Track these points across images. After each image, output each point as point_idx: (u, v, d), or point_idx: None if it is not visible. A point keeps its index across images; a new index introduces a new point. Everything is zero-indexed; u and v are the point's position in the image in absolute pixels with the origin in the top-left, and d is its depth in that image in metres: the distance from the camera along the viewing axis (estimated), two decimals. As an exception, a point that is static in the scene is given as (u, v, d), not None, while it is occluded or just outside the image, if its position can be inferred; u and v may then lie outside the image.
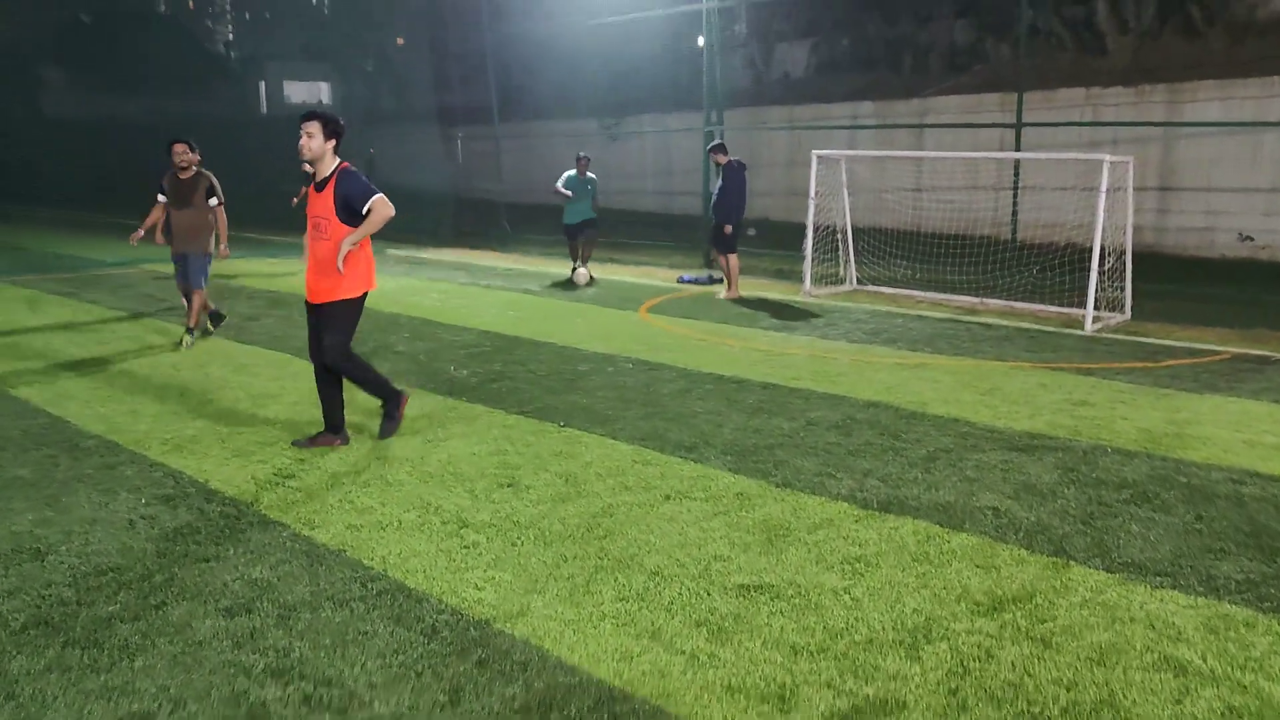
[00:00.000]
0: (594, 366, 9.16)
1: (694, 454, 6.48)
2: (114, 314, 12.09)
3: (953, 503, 5.59)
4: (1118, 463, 6.30)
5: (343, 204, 6.33)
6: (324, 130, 6.35)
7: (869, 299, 13.22)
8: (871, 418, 7.38)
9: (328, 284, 6.46)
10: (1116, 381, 8.52)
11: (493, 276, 15.89)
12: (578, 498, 5.68)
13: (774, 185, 22.13)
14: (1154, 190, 17.47)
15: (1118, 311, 11.59)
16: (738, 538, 5.09)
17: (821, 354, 9.71)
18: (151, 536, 5.08)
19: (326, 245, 6.39)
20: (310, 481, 5.94)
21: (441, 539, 5.08)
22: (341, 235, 6.33)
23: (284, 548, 4.95)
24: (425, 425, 7.15)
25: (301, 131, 6.37)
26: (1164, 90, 17.41)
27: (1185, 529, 5.20)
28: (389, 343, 10.28)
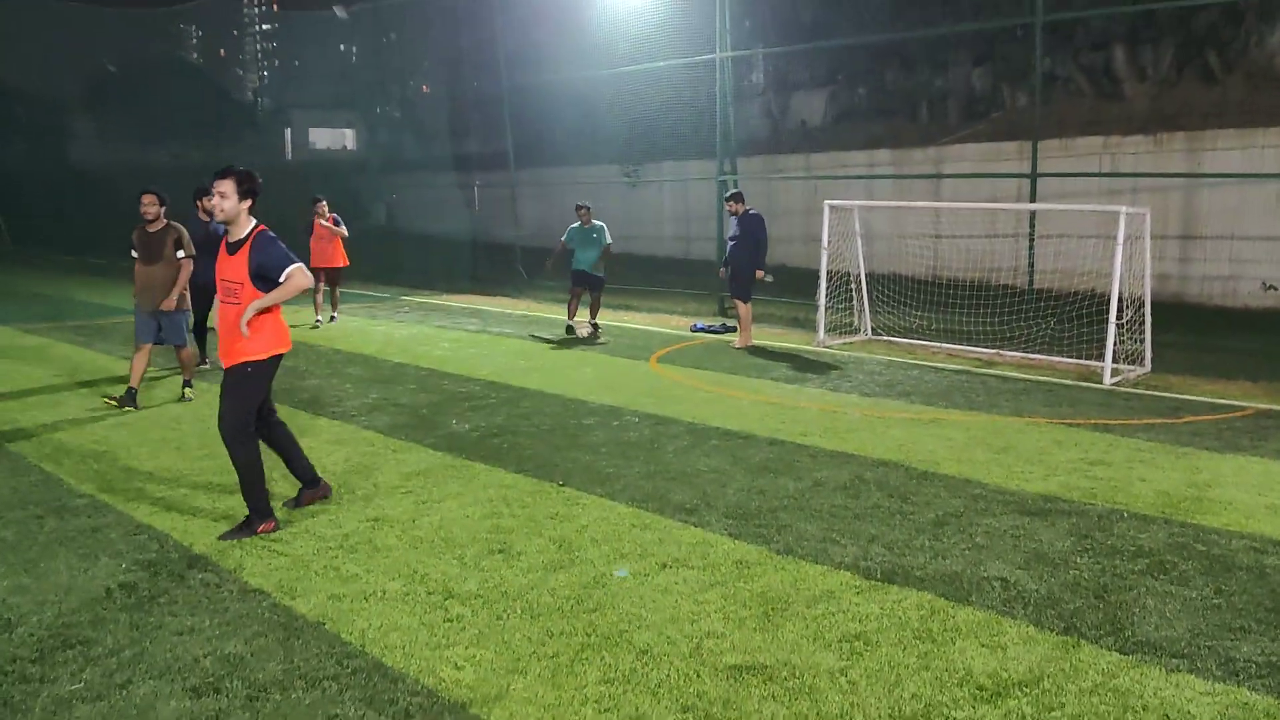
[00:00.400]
0: (599, 420, 9.00)
1: (694, 517, 6.29)
2: (122, 365, 12.02)
3: (960, 573, 5.36)
4: (1134, 529, 6.05)
5: (257, 271, 5.92)
6: (238, 189, 5.97)
7: (884, 349, 13.02)
8: (881, 478, 7.16)
9: (236, 347, 6.03)
10: (1135, 439, 8.27)
11: (505, 323, 15.80)
12: (570, 566, 5.49)
13: (792, 232, 22.02)
14: (1176, 239, 17.22)
15: (1138, 364, 11.33)
16: (733, 612, 4.88)
17: (833, 408, 9.50)
18: (127, 606, 4.93)
19: (237, 310, 5.96)
20: (297, 546, 5.78)
21: (425, 611, 4.90)
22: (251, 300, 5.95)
23: (262, 619, 4.79)
24: (421, 485, 6.99)
25: (213, 191, 5.96)
26: (1183, 138, 17.21)
27: (1204, 604, 4.95)
28: (393, 395, 10.16)
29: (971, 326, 13.48)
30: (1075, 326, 12.46)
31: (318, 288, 15.55)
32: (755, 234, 13.04)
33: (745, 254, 13.07)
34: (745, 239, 13.06)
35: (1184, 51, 19.45)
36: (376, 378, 11.15)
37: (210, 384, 10.70)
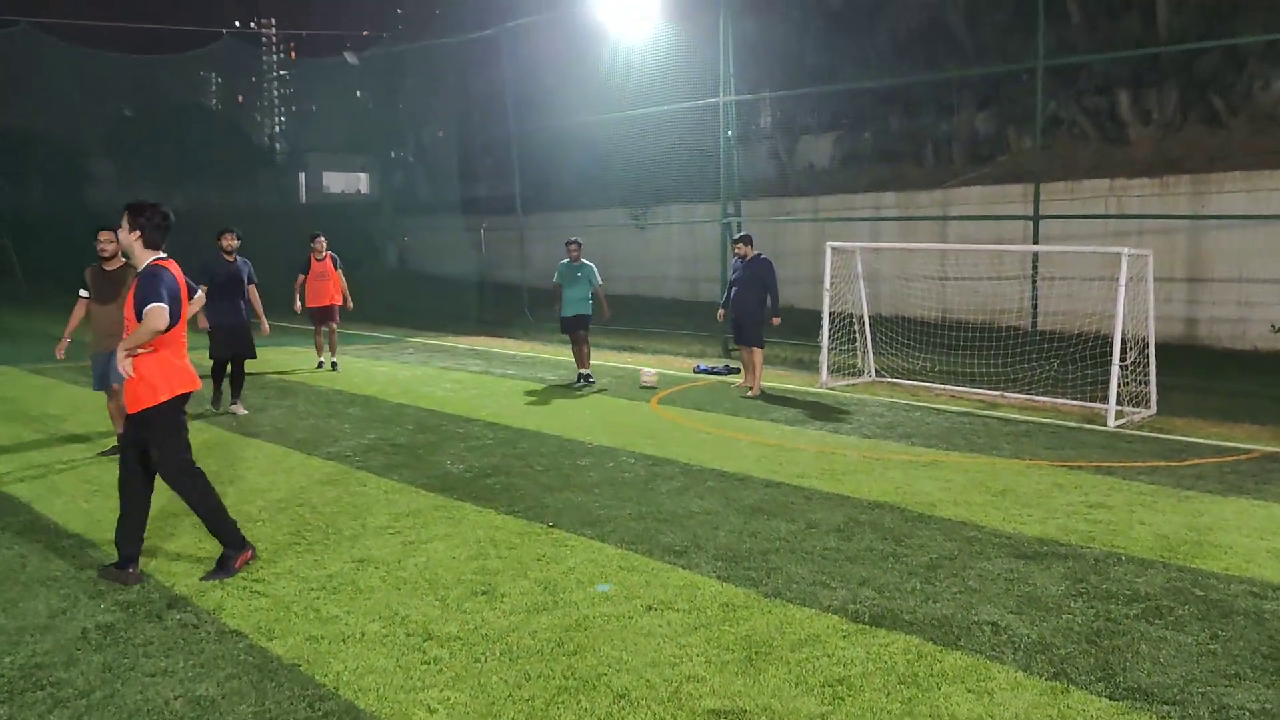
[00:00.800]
0: (595, 461, 8.94)
1: (683, 559, 6.20)
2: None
3: (950, 616, 5.26)
4: (1131, 573, 5.94)
5: (137, 307, 5.65)
6: (129, 220, 5.73)
7: (887, 391, 12.94)
8: (875, 520, 7.07)
9: (133, 393, 5.72)
10: (1137, 482, 8.16)
11: (509, 364, 15.78)
12: (554, 608, 5.41)
13: (799, 274, 22.03)
14: (1183, 281, 17.15)
15: (1142, 406, 11.22)
16: (716, 655, 4.79)
17: (831, 450, 9.42)
18: (102, 647, 4.87)
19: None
20: (279, 587, 5.72)
21: (403, 653, 4.82)
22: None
23: (237, 661, 4.72)
24: (409, 526, 6.93)
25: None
26: (1189, 181, 17.19)
27: (1199, 650, 4.83)
28: (390, 435, 10.13)
29: (976, 368, 13.40)
30: (1080, 368, 12.38)
31: (316, 329, 15.28)
32: (764, 280, 12.68)
33: (754, 299, 12.73)
34: (753, 284, 12.70)
35: (1188, 95, 19.50)
36: (375, 418, 11.13)
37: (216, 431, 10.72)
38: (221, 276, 11.19)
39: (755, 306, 12.72)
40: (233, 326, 11.22)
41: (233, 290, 11.27)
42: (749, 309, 12.75)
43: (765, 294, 12.71)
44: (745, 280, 12.78)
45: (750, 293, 12.73)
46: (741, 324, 12.85)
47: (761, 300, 12.72)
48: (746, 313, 12.77)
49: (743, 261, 12.89)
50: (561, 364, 15.88)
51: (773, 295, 12.74)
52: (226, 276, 11.23)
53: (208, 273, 11.06)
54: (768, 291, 12.70)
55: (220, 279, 11.16)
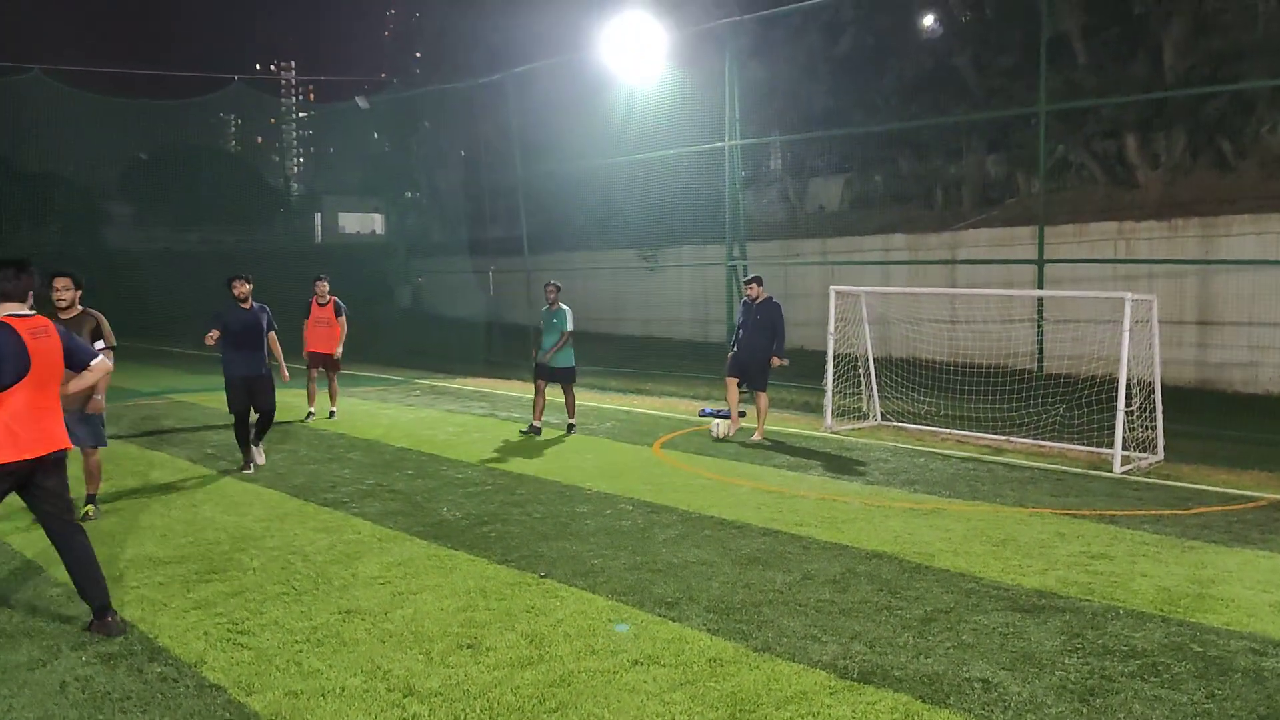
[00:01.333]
0: (593, 508, 8.87)
1: (674, 611, 6.12)
2: (125, 448, 12.07)
3: (941, 674, 5.15)
4: (1129, 627, 5.83)
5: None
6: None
7: (892, 435, 12.84)
8: (872, 571, 6.98)
9: None
10: (1140, 531, 8.04)
11: (514, 408, 15.76)
12: (539, 662, 5.33)
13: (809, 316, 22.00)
14: (1193, 324, 17.05)
15: (1150, 452, 11.10)
16: (699, 713, 4.71)
17: (833, 496, 9.33)
18: (78, 702, 4.82)
19: None
20: (264, 639, 5.67)
21: (381, 710, 4.75)
22: None
23: (214, 717, 4.66)
24: (399, 575, 6.87)
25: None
26: (1197, 224, 17.15)
27: (1193, 710, 4.72)
28: (389, 481, 10.09)
29: (983, 413, 13.30)
30: (1087, 413, 12.26)
31: (310, 375, 14.61)
32: (775, 323, 12.54)
33: (764, 343, 12.53)
34: (763, 328, 12.54)
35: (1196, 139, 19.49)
36: (376, 463, 11.10)
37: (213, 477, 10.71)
38: (236, 325, 10.64)
39: (763, 350, 12.55)
40: (251, 379, 10.64)
41: (249, 340, 10.69)
42: (756, 352, 12.59)
43: (773, 338, 12.55)
44: (755, 324, 12.62)
45: (760, 336, 12.58)
46: (748, 368, 12.69)
47: (769, 344, 12.55)
48: (754, 356, 12.61)
49: (752, 303, 12.75)
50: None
51: (779, 338, 12.58)
52: (241, 325, 10.66)
53: (220, 321, 10.63)
54: (774, 335, 12.54)
55: (235, 328, 10.62)
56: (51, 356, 5.79)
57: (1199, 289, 17.04)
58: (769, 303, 12.66)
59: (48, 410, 5.75)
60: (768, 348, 12.53)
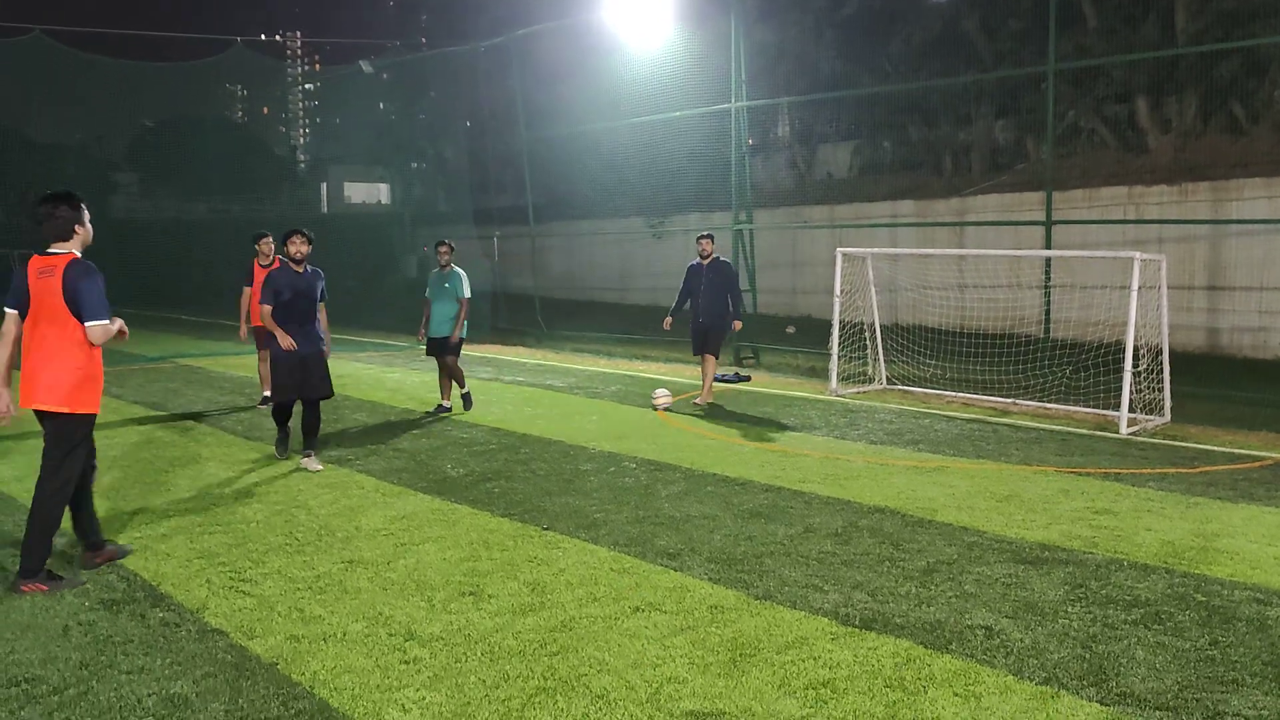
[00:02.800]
0: (596, 466, 8.86)
1: (676, 562, 6.12)
2: (131, 408, 12.10)
3: (943, 621, 5.14)
4: (1132, 579, 5.80)
5: None
6: None
7: (897, 398, 12.80)
8: (875, 524, 6.96)
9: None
10: (1145, 488, 8.00)
11: (519, 372, 15.74)
12: (541, 609, 5.34)
13: (816, 284, 21.95)
14: (1203, 289, 16.92)
15: (1156, 414, 11.04)
16: (699, 657, 4.70)
17: (836, 455, 9.31)
18: (81, 645, 4.84)
19: None
20: (266, 587, 5.68)
21: (383, 653, 4.76)
22: None
23: (215, 660, 4.68)
24: (402, 528, 6.88)
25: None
26: (1208, 189, 16.97)
27: (1197, 656, 4.70)
28: (394, 440, 10.10)
29: (990, 376, 13.24)
30: (1095, 376, 12.19)
31: (260, 355, 12.14)
32: (731, 283, 12.10)
33: (722, 305, 12.04)
34: (719, 288, 12.02)
35: (1208, 102, 19.27)
36: (380, 423, 11.11)
37: (219, 434, 10.71)
38: (287, 292, 8.64)
39: (722, 315, 12.08)
40: (305, 357, 8.66)
41: (302, 311, 8.68)
42: (716, 318, 12.07)
43: (731, 301, 12.10)
44: (711, 285, 12.05)
45: (718, 299, 12.05)
46: (707, 331, 12.12)
47: (727, 307, 12.10)
48: (714, 322, 12.08)
49: (703, 264, 12.17)
50: (571, 371, 15.85)
51: (735, 298, 12.13)
52: (293, 293, 8.66)
53: (271, 287, 8.66)
54: (730, 295, 12.08)
55: (285, 296, 8.62)
56: (48, 298, 5.64)
57: (1209, 253, 16.90)
58: (719, 262, 12.18)
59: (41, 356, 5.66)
60: (723, 312, 12.06)
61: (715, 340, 12.19)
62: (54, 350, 5.65)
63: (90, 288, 5.64)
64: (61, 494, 5.71)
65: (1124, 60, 17.74)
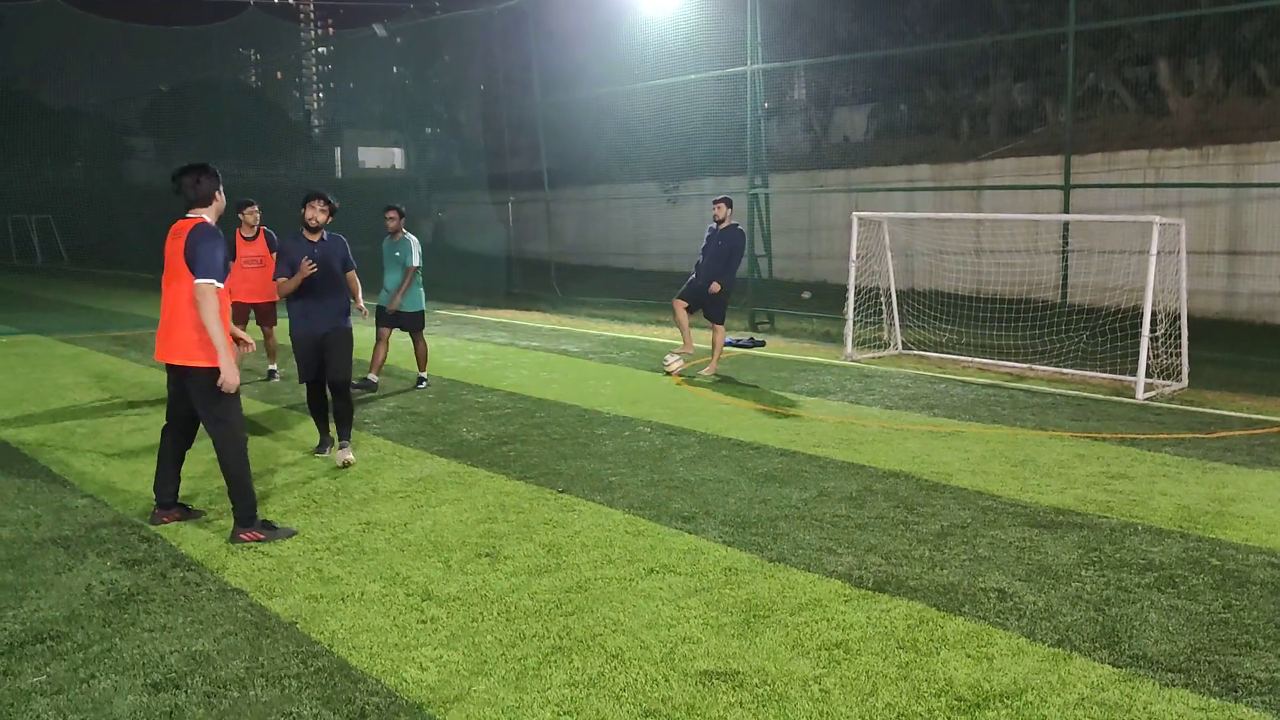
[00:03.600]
0: (611, 430, 8.90)
1: (690, 525, 6.16)
2: (150, 372, 12.18)
3: (956, 584, 5.17)
4: (1147, 543, 5.81)
5: None
6: None
7: (913, 363, 12.77)
8: (889, 488, 6.98)
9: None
10: (1161, 453, 7.98)
11: (534, 337, 15.77)
12: (556, 570, 5.39)
13: (833, 249, 21.86)
14: (1223, 254, 16.78)
15: (1173, 379, 10.99)
16: (714, 618, 4.75)
17: (851, 420, 9.31)
18: (104, 603, 4.92)
19: None
20: (284, 548, 5.75)
21: (400, 613, 4.82)
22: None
23: (235, 618, 4.74)
24: (419, 490, 6.94)
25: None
26: (1229, 152, 16.78)
27: (1210, 619, 4.71)
28: (410, 404, 10.15)
29: (1006, 341, 13.19)
30: (1112, 341, 12.13)
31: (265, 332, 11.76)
32: (733, 250, 11.77)
33: (723, 270, 11.76)
34: (724, 254, 11.74)
35: (1230, 64, 19.00)
36: (397, 388, 11.17)
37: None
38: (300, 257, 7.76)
39: (720, 279, 11.76)
40: (324, 337, 7.77)
41: (320, 284, 7.80)
42: (712, 280, 11.76)
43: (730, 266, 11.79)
44: (715, 251, 11.80)
45: (718, 264, 11.76)
46: (701, 295, 11.90)
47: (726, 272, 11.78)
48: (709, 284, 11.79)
49: (717, 228, 11.91)
50: (586, 336, 15.87)
51: (731, 268, 11.78)
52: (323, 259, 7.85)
53: (285, 260, 7.81)
54: (731, 262, 11.79)
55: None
56: (174, 259, 5.79)
57: (1229, 218, 16.74)
58: (731, 229, 11.86)
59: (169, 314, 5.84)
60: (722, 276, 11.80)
61: (712, 308, 11.92)
62: (178, 307, 5.79)
63: (208, 249, 5.74)
64: (236, 440, 5.87)
65: (1145, 21, 17.50)
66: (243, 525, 5.84)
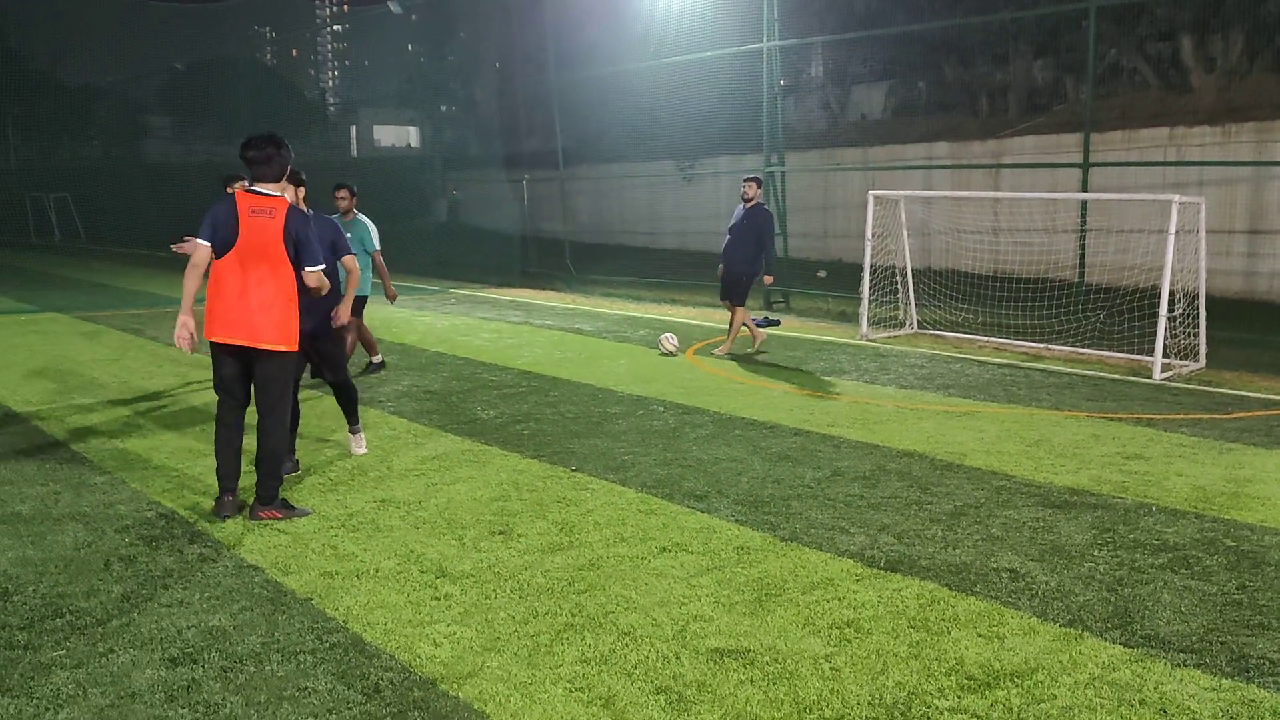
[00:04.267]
0: (625, 409, 8.91)
1: (703, 504, 6.17)
2: (168, 350, 12.25)
3: (968, 563, 5.17)
4: (1161, 523, 5.79)
5: None
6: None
7: (929, 343, 12.74)
8: (903, 468, 6.97)
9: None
10: (1178, 434, 7.95)
11: (549, 316, 15.79)
12: (569, 548, 5.41)
13: (849, 227, 21.78)
14: (1244, 233, 16.63)
15: (1192, 359, 10.92)
16: (726, 596, 4.76)
17: (865, 400, 9.30)
18: (123, 578, 4.97)
19: None
20: (300, 525, 5.79)
21: (414, 590, 4.86)
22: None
23: (251, 594, 4.79)
24: (433, 468, 6.97)
25: None
26: (1252, 129, 16.60)
27: (1223, 599, 4.70)
28: (425, 383, 10.19)
29: (1023, 321, 13.13)
30: (1129, 321, 12.07)
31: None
32: (763, 232, 11.60)
33: (749, 252, 11.62)
34: (749, 235, 11.60)
35: (1255, 41, 18.77)
36: (412, 366, 11.21)
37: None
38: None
39: (744, 261, 11.66)
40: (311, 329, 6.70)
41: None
42: (736, 263, 11.69)
43: (759, 248, 11.62)
44: (740, 231, 11.67)
45: (744, 245, 11.64)
46: (725, 278, 11.86)
47: (754, 255, 11.67)
48: (734, 267, 11.74)
49: (745, 208, 11.78)
50: (600, 315, 15.87)
51: (767, 251, 11.64)
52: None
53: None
54: (761, 246, 11.61)
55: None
56: (263, 238, 5.68)
57: (1251, 196, 16.57)
58: (756, 208, 11.72)
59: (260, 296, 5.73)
60: (749, 259, 11.65)
61: (736, 290, 11.82)
62: (273, 291, 5.75)
63: (311, 236, 5.86)
64: (283, 424, 6.03)
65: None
66: (263, 504, 5.87)
